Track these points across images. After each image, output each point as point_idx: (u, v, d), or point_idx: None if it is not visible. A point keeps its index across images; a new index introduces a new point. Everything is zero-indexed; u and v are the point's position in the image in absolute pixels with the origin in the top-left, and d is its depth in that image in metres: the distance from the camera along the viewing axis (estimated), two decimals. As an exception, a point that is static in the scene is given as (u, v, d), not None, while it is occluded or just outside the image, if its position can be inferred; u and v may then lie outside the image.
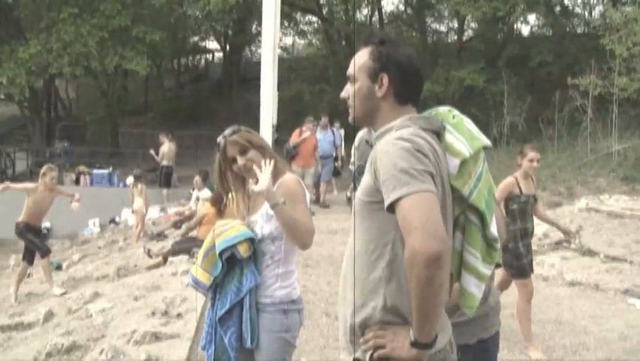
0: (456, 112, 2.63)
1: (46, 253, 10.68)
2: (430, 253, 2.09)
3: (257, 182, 3.52)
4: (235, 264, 3.62)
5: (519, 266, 6.51)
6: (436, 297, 2.16)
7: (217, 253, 3.60)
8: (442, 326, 2.43)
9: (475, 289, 2.58)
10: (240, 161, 3.68)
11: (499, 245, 2.59)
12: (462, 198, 2.49)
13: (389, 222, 2.30)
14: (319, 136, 15.68)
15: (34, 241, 10.58)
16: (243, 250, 3.57)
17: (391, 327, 2.36)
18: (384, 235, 2.37)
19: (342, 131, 18.18)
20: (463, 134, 2.53)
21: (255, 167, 3.58)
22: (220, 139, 3.76)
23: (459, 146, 2.49)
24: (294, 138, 14.69)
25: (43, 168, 10.76)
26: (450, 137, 2.52)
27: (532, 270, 6.72)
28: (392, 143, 2.34)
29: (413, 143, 2.32)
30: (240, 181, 3.79)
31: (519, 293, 6.64)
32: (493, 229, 2.56)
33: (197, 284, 3.72)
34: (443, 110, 2.64)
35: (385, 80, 2.55)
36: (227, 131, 3.78)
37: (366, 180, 2.44)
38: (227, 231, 3.62)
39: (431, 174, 2.27)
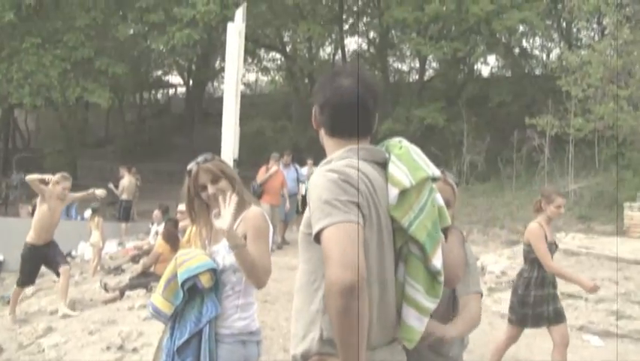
0: (405, 143, 2.64)
1: (22, 284, 10.21)
2: (344, 283, 2.12)
3: (218, 213, 3.50)
4: (196, 293, 3.60)
5: (521, 314, 6.38)
6: (355, 327, 2.17)
7: (179, 282, 3.58)
8: (381, 357, 2.45)
9: (415, 321, 2.55)
10: (211, 189, 3.68)
11: (442, 278, 2.57)
12: (402, 228, 2.48)
13: None
14: (284, 174, 15.60)
15: (25, 270, 10.03)
16: (205, 281, 3.56)
17: (329, 358, 2.37)
18: (322, 267, 2.36)
19: (315, 169, 18.19)
20: (407, 165, 2.53)
21: (220, 200, 3.56)
22: (192, 165, 3.74)
23: (399, 176, 2.49)
24: (261, 175, 14.58)
25: (57, 177, 10.02)
26: (392, 167, 2.53)
27: (557, 320, 6.43)
28: (322, 175, 2.40)
29: (341, 174, 2.36)
30: (204, 209, 3.77)
31: (505, 335, 6.56)
32: (436, 262, 2.53)
33: (157, 313, 3.69)
34: (394, 141, 2.67)
35: (316, 111, 2.62)
36: (200, 158, 3.77)
37: (306, 212, 2.47)
38: (190, 260, 3.60)
39: (357, 205, 2.30)
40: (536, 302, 6.31)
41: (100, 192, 10.90)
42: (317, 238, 2.30)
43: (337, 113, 2.58)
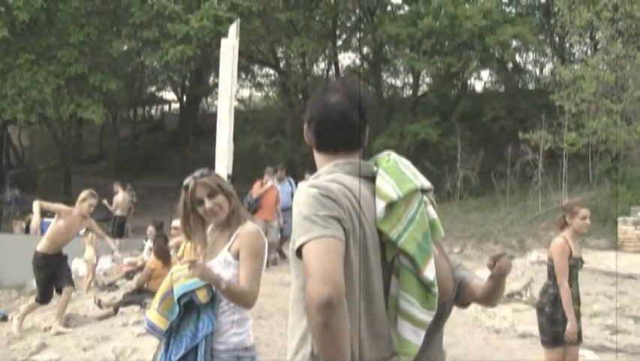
0: (393, 155, 2.64)
1: (42, 300, 9.98)
2: (321, 298, 2.13)
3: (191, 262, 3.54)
4: (192, 309, 3.60)
5: (553, 333, 6.08)
6: (335, 341, 2.18)
7: (175, 298, 3.57)
8: None
9: (411, 335, 2.53)
10: (208, 204, 3.67)
11: (436, 290, 2.56)
12: (392, 241, 2.48)
13: None
14: (278, 188, 15.54)
15: (43, 283, 9.84)
16: (202, 296, 3.56)
17: None
18: None
19: None
20: (394, 177, 2.53)
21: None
22: (189, 180, 3.74)
23: (386, 189, 2.49)
24: (256, 190, 14.52)
25: (84, 193, 9.94)
26: (379, 180, 2.53)
27: (580, 340, 6.25)
28: (303, 191, 2.42)
29: (321, 188, 2.37)
30: (200, 224, 3.77)
31: (545, 359, 6.29)
32: (428, 273, 2.51)
33: (153, 329, 3.68)
34: (382, 154, 2.66)
35: (305, 127, 2.63)
36: (197, 173, 3.77)
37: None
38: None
39: (337, 219, 2.31)
40: (565, 319, 6.05)
41: (117, 254, 10.84)
42: (299, 253, 2.31)
43: (322, 128, 2.59)
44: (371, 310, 2.44)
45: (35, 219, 9.77)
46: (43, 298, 10.03)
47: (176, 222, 12.65)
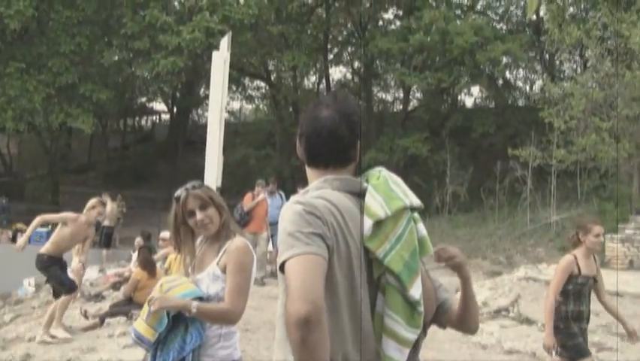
0: (384, 172, 2.62)
1: (70, 290, 9.76)
2: (299, 315, 2.13)
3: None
4: (180, 321, 3.58)
5: (575, 346, 5.99)
6: (313, 358, 2.17)
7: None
8: None
9: (395, 352, 2.50)
10: (199, 216, 3.66)
11: (422, 308, 2.54)
12: (378, 259, 2.47)
13: None
14: (268, 202, 15.48)
15: (59, 276, 9.70)
16: None
17: None
18: None
19: None
20: (383, 195, 2.51)
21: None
22: (182, 191, 3.73)
23: (374, 207, 2.47)
24: (247, 202, 14.45)
25: (93, 201, 10.03)
26: (368, 198, 2.51)
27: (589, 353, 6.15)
28: (289, 207, 2.41)
29: (306, 205, 2.36)
30: (189, 236, 3.76)
31: None
32: (414, 292, 2.50)
33: (140, 340, 3.66)
34: (374, 171, 2.65)
35: (297, 141, 2.63)
36: (189, 185, 3.76)
37: None
38: (176, 288, 3.59)
39: (321, 236, 2.31)
40: (580, 332, 6.05)
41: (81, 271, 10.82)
42: (282, 269, 2.31)
43: (312, 143, 2.58)
44: (357, 327, 2.43)
45: (20, 241, 9.71)
46: (68, 289, 9.89)
47: (164, 234, 12.66)
